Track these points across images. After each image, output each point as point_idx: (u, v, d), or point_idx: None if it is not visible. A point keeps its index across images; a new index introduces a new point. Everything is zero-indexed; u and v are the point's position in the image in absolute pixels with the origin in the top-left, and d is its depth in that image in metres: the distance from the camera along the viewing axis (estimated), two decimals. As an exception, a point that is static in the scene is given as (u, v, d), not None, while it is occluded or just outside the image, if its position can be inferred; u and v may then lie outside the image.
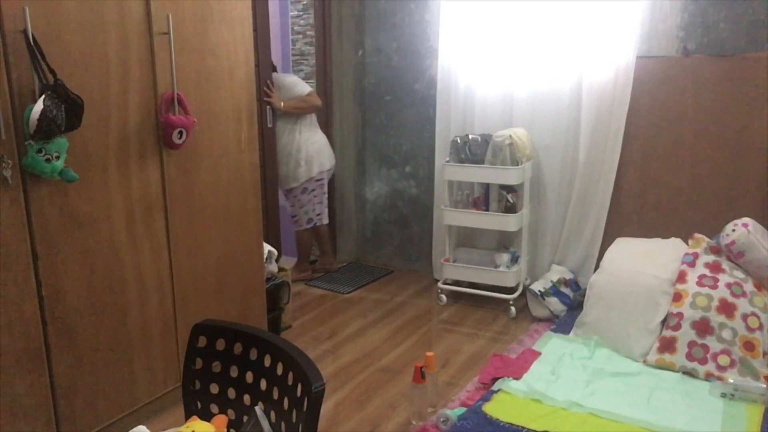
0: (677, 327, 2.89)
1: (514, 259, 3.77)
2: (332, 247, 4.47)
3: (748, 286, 2.90)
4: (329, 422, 2.63)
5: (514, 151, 3.51)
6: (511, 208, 3.61)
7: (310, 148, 4.01)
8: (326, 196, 4.20)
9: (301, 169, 4.00)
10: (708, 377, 2.78)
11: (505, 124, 3.76)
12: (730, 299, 2.85)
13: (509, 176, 3.54)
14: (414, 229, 4.36)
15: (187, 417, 1.46)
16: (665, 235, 3.42)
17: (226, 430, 1.32)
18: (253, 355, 1.52)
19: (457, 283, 3.90)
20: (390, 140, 4.30)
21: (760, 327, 2.80)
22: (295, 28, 4.38)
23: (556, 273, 3.68)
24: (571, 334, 3.27)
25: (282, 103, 3.89)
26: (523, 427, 2.48)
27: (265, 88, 3.82)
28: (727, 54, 3.27)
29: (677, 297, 2.96)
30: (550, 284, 3.59)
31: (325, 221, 4.23)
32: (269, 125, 3.86)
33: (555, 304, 3.53)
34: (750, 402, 2.60)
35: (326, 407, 2.67)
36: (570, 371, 2.89)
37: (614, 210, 3.63)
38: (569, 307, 3.54)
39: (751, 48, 3.22)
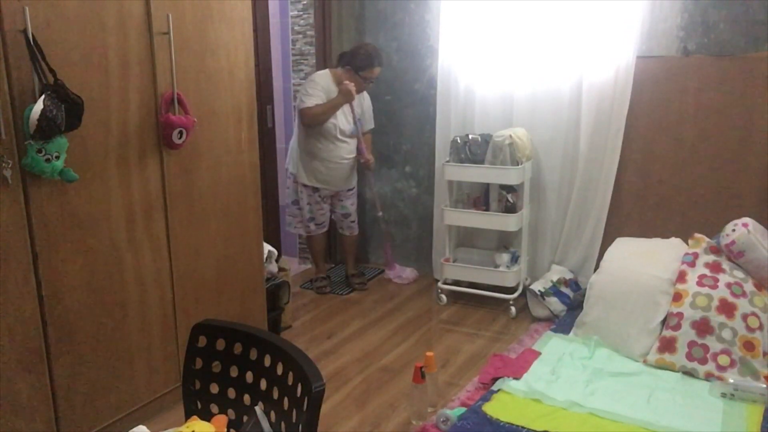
0: (677, 327, 2.89)
1: (514, 259, 3.77)
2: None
3: (748, 286, 2.90)
4: (329, 422, 2.63)
5: (514, 151, 3.51)
6: (511, 208, 3.61)
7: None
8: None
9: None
10: (708, 377, 2.78)
11: (505, 124, 3.76)
12: (730, 299, 2.85)
13: (509, 176, 3.54)
14: (414, 229, 4.36)
15: (187, 417, 1.46)
16: (665, 235, 3.42)
17: (226, 430, 1.32)
18: (253, 355, 1.52)
19: (457, 283, 3.90)
20: (390, 140, 4.29)
21: (760, 327, 2.80)
22: (295, 28, 4.36)
23: (556, 273, 3.68)
24: (571, 334, 3.27)
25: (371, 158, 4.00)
26: (523, 427, 2.47)
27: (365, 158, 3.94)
28: (727, 54, 3.27)
29: (677, 297, 2.96)
30: (550, 284, 3.59)
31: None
32: (269, 125, 3.85)
33: (555, 304, 3.53)
34: (750, 402, 2.60)
35: (326, 407, 2.66)
36: (570, 371, 2.88)
37: (614, 210, 3.63)
38: (569, 307, 3.54)
39: (751, 48, 3.22)
